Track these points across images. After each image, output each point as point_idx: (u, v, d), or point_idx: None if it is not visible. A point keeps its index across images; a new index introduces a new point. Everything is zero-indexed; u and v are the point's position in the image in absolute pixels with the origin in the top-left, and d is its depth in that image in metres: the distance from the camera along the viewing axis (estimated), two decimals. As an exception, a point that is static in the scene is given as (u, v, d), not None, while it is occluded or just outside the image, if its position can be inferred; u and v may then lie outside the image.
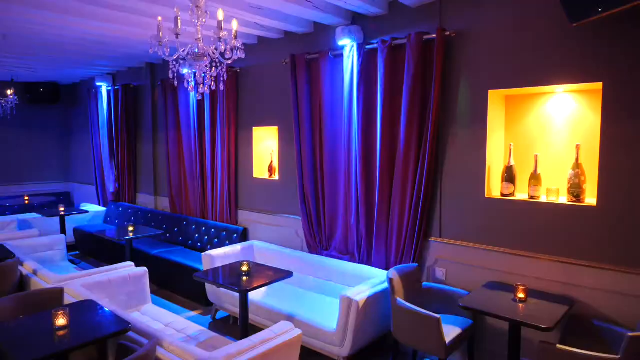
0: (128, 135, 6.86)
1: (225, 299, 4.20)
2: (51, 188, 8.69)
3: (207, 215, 5.63)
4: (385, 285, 3.51)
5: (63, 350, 2.21)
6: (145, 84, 6.58)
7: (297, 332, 2.65)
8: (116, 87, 6.92)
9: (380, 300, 3.44)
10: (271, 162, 5.04)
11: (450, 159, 3.49)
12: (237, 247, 4.61)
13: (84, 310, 2.73)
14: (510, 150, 3.30)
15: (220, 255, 4.39)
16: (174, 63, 2.71)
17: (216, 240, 5.32)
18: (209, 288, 4.36)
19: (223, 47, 2.60)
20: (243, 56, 2.71)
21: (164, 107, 6.09)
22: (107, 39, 4.76)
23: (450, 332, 3.02)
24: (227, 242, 5.16)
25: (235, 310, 4.14)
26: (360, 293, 3.29)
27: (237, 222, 5.29)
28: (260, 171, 5.10)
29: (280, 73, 4.65)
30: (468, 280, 3.42)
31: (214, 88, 2.84)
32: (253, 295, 3.85)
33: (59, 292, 2.98)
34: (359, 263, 4.04)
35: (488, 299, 2.92)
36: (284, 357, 2.59)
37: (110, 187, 7.26)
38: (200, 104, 5.53)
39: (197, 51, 2.68)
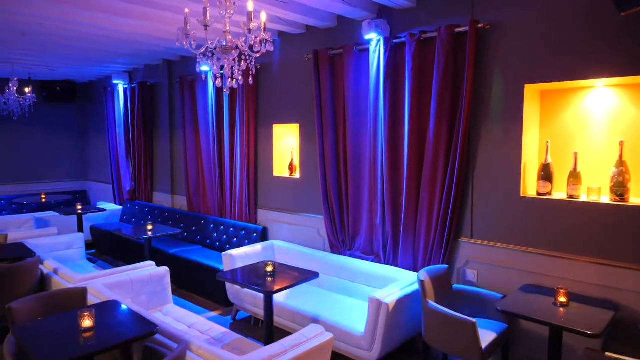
0: (145, 133, 6.81)
1: (247, 300, 4.11)
2: (67, 186, 8.70)
3: (225, 214, 5.55)
4: (415, 287, 3.39)
5: (90, 353, 2.13)
6: (162, 81, 6.52)
7: (329, 335, 2.55)
8: (133, 85, 6.88)
9: (409, 303, 3.32)
10: (292, 160, 4.94)
11: (482, 157, 3.36)
12: (257, 246, 4.53)
13: (109, 311, 2.65)
14: (547, 147, 3.15)
15: (241, 255, 4.31)
16: (201, 57, 2.62)
17: (235, 239, 5.24)
18: (230, 288, 4.28)
19: (252, 40, 2.50)
20: (272, 49, 2.61)
21: (182, 105, 6.03)
22: (126, 35, 4.70)
23: (486, 337, 2.89)
24: (246, 241, 5.07)
25: (257, 311, 4.05)
26: (390, 295, 3.18)
27: (256, 222, 5.20)
28: (280, 169, 5.01)
29: (302, 69, 4.55)
30: (501, 283, 3.29)
31: (241, 82, 2.75)
32: (276, 297, 3.75)
33: (82, 292, 2.91)
34: (384, 264, 3.93)
35: (527, 303, 2.79)
36: (315, 362, 2.49)
37: (127, 185, 7.23)
38: (219, 101, 5.45)
39: (225, 44, 2.59)
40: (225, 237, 5.38)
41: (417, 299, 3.36)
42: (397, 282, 3.44)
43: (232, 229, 5.32)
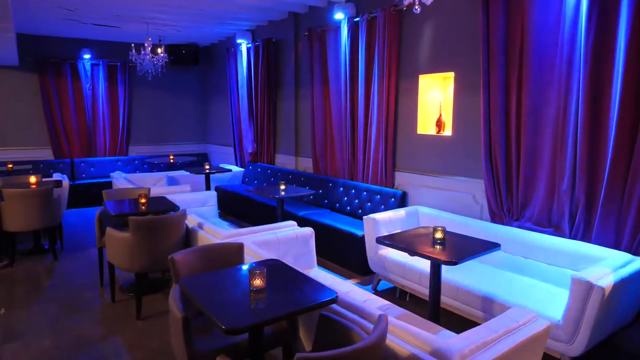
0: (268, 93, 6.61)
1: (392, 269, 3.68)
2: (191, 149, 8.99)
3: (356, 177, 5.14)
4: (630, 269, 2.65)
5: (275, 318, 1.82)
6: (287, 37, 6.20)
7: (544, 323, 1.98)
8: (256, 43, 6.67)
9: (624, 288, 2.60)
10: (440, 115, 4.31)
11: None
12: (400, 212, 4.04)
13: (273, 270, 2.35)
14: None
15: (385, 220, 3.87)
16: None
17: (369, 204, 4.81)
18: (372, 255, 3.88)
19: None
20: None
21: (310, 60, 5.65)
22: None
23: None
24: (382, 206, 4.61)
25: (405, 282, 3.60)
26: (603, 277, 2.49)
27: (393, 185, 4.71)
28: (425, 126, 4.42)
29: (459, 8, 3.85)
30: None
31: (431, 1, 2.20)
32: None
33: (239, 248, 2.66)
34: (569, 238, 3.21)
35: None
36: (529, 355, 1.95)
37: (249, 147, 7.16)
38: (353, 52, 4.95)
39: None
40: (356, 201, 4.98)
41: (634, 284, 2.63)
42: (603, 262, 2.72)
43: (364, 193, 4.90)
